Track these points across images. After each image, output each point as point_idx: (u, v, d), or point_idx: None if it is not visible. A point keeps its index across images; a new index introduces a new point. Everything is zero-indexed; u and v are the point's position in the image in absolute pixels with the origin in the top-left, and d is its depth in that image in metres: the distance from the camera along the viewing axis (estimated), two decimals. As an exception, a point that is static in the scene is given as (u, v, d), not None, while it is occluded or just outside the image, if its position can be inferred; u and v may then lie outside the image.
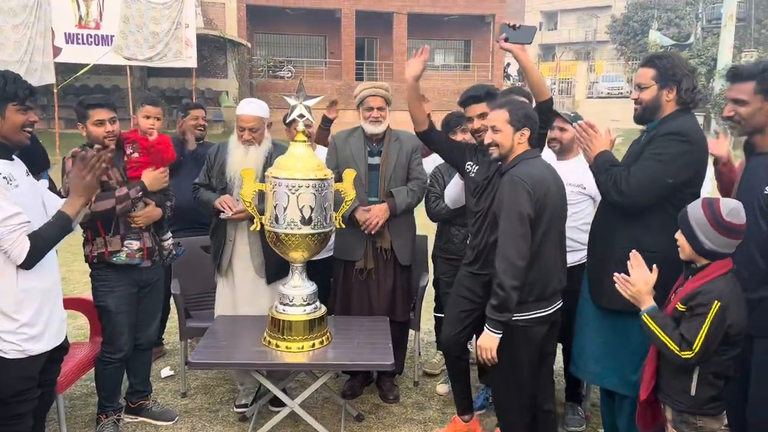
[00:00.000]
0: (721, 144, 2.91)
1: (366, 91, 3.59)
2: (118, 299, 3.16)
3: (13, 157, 2.45)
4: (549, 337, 2.81)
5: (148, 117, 3.52)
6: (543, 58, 45.22)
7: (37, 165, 3.21)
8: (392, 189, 3.57)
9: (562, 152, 3.46)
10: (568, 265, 2.86)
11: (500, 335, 2.61)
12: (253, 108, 3.38)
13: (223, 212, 3.33)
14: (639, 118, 2.69)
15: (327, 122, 4.32)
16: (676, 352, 2.13)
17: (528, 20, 49.61)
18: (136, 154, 3.26)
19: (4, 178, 2.31)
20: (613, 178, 2.55)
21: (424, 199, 3.74)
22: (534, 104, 3.14)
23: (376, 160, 3.58)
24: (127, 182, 3.20)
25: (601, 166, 2.62)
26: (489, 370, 2.84)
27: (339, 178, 3.25)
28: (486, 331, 2.64)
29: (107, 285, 3.16)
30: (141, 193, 3.15)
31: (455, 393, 3.36)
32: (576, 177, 3.28)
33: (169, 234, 3.46)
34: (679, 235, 2.26)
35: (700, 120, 19.07)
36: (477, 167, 3.10)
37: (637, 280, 2.29)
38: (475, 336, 3.22)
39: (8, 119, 2.35)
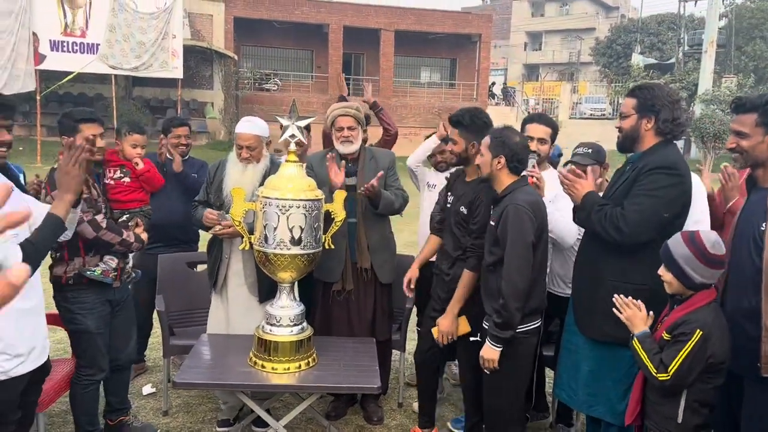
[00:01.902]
0: (704, 181, 2.98)
1: (336, 111, 3.60)
2: (97, 320, 3.07)
3: None
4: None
5: (135, 146, 3.50)
6: (527, 78, 45.79)
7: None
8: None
9: None
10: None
11: (501, 348, 2.78)
12: (251, 127, 3.37)
13: (212, 228, 3.33)
14: (620, 147, 2.75)
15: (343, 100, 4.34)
16: (654, 373, 2.21)
17: (513, 40, 50.33)
18: (127, 179, 3.27)
19: None
20: (608, 217, 2.54)
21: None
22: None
23: (352, 180, 3.57)
24: (107, 202, 3.19)
25: (590, 208, 2.62)
26: (487, 384, 2.91)
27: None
28: (488, 344, 2.79)
29: (85, 306, 3.05)
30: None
31: (420, 406, 3.54)
32: None
33: (129, 256, 3.41)
34: (664, 272, 2.30)
35: (681, 144, 19.43)
36: (452, 196, 3.28)
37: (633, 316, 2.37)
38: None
39: None
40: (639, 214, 2.48)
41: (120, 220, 3.32)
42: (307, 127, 4.30)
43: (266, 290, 3.36)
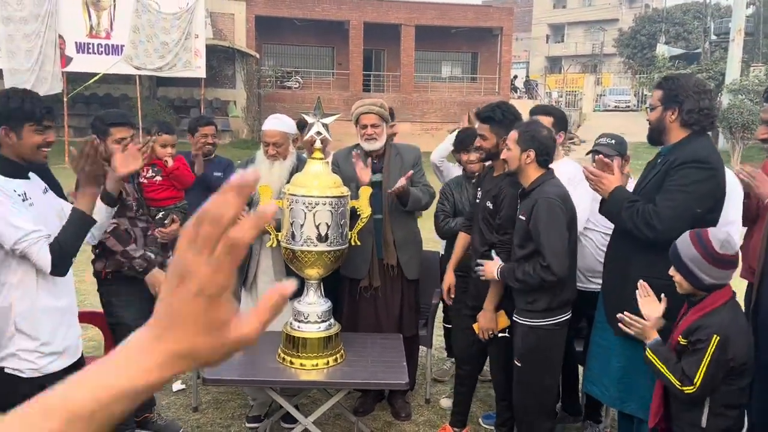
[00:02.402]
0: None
1: (360, 108, 3.59)
2: (135, 312, 3.15)
3: (30, 175, 2.43)
4: None
5: (164, 146, 3.56)
6: (549, 71, 45.33)
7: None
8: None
9: None
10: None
11: (498, 278, 2.88)
12: (277, 123, 3.42)
13: None
14: (648, 139, 2.75)
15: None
16: (678, 386, 2.14)
17: (535, 33, 49.87)
18: (159, 178, 3.38)
19: (19, 195, 2.31)
20: (640, 214, 2.49)
21: (434, 217, 3.74)
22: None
23: (378, 177, 3.56)
24: (142, 200, 3.25)
25: (620, 204, 2.58)
26: (517, 378, 2.91)
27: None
28: (496, 265, 2.89)
29: (122, 299, 3.15)
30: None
31: (456, 403, 3.51)
32: None
33: (170, 252, 3.49)
34: (674, 272, 2.25)
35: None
36: (481, 192, 3.25)
37: (648, 308, 2.32)
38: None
39: (25, 139, 2.30)
40: (672, 211, 2.43)
41: (156, 217, 3.38)
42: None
43: (296, 288, 3.37)
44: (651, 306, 2.34)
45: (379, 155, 3.61)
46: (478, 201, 3.27)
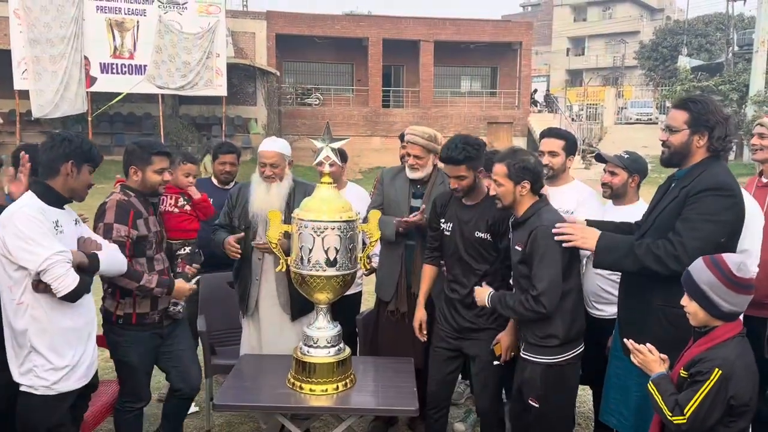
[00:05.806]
0: None
1: (407, 136, 3.52)
2: (140, 355, 3.06)
3: (65, 207, 2.64)
4: None
5: (188, 175, 3.59)
6: (571, 84, 45.14)
7: None
8: None
9: (616, 197, 3.28)
10: (607, 317, 3.09)
11: (489, 305, 2.85)
12: (274, 145, 3.46)
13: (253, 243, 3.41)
14: (666, 162, 2.60)
15: None
16: (668, 416, 2.05)
17: (555, 46, 49.75)
18: (188, 207, 3.54)
19: (53, 222, 2.50)
20: (662, 249, 2.39)
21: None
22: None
23: (419, 203, 3.51)
24: (162, 234, 3.20)
25: (624, 246, 2.49)
26: (537, 412, 2.81)
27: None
28: (486, 291, 2.86)
29: (130, 340, 3.04)
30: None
31: None
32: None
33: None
34: (687, 302, 2.13)
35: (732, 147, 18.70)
36: (449, 223, 3.13)
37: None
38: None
39: (82, 176, 2.62)
40: (699, 242, 2.33)
41: (183, 252, 3.42)
42: (343, 155, 4.01)
43: (298, 308, 3.40)
44: (648, 360, 2.26)
45: (424, 182, 3.54)
46: (447, 233, 3.13)
